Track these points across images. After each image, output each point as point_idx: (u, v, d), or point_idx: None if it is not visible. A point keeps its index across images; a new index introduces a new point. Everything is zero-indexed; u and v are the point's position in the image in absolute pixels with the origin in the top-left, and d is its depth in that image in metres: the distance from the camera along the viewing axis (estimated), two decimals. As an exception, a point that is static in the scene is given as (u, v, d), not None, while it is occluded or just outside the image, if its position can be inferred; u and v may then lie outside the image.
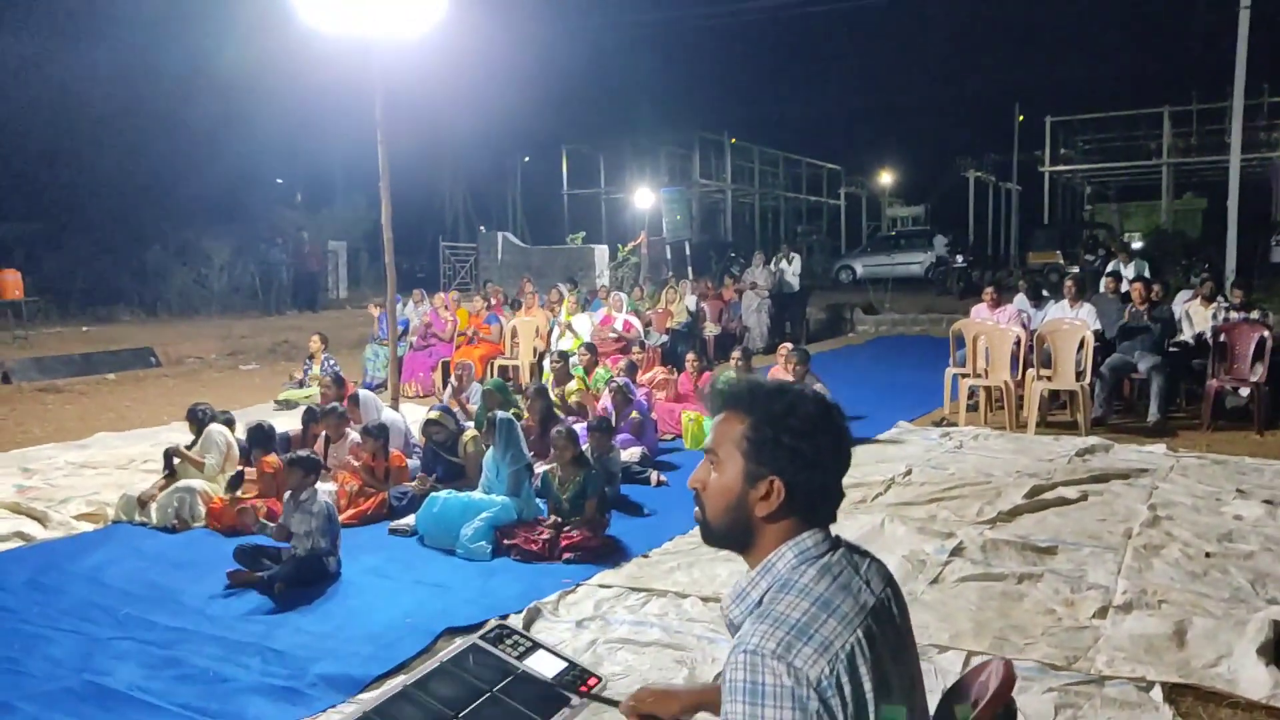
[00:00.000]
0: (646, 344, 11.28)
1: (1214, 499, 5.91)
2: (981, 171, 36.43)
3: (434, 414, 6.58)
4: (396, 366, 8.58)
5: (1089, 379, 8.23)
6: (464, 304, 12.57)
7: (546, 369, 9.51)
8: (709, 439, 1.61)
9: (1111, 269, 12.94)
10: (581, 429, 6.63)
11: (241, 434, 6.47)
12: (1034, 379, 8.31)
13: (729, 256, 21.91)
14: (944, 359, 9.43)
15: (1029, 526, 5.48)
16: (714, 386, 1.65)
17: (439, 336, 11.53)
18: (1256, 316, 8.93)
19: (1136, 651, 3.79)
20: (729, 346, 10.56)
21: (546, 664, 2.16)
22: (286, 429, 7.15)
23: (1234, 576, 4.58)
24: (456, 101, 24.97)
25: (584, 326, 11.22)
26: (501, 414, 5.86)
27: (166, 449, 6.32)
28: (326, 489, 5.60)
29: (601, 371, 8.87)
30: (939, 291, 21.62)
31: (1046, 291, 11.02)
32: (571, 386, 8.72)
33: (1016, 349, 8.59)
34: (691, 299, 13.77)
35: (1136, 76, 32.88)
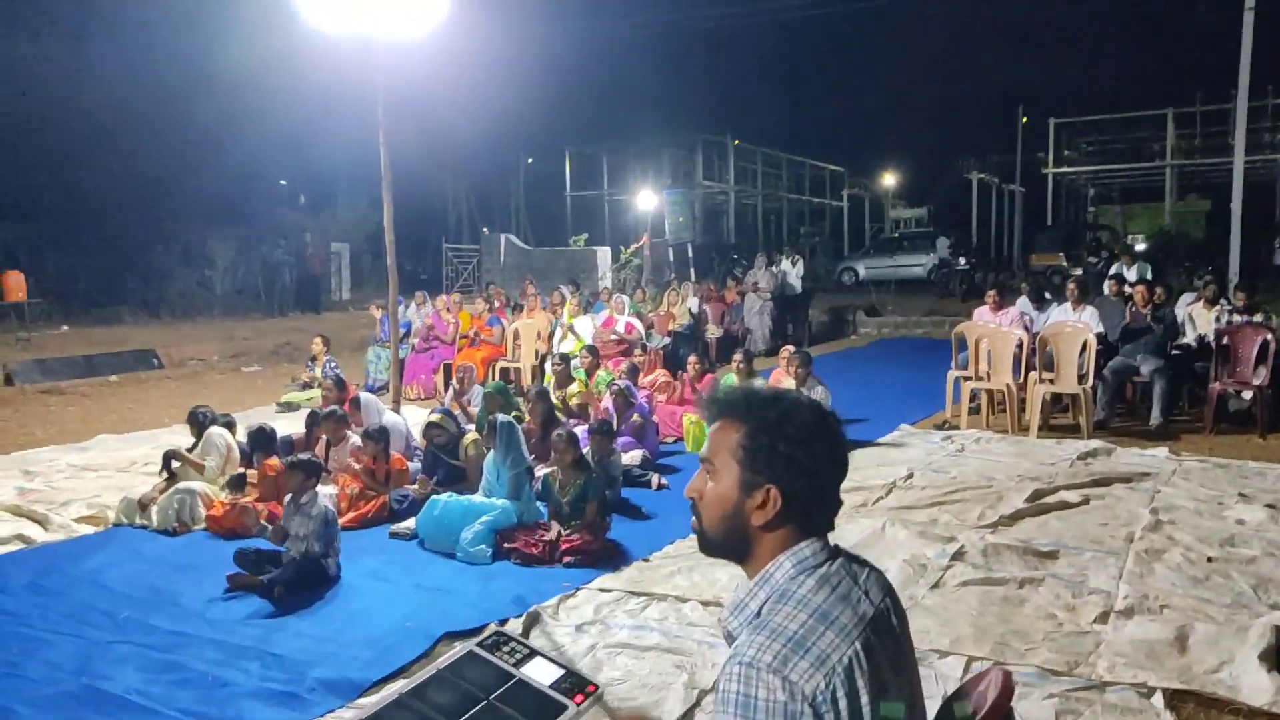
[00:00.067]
0: (648, 346, 11.27)
1: (1216, 503, 5.89)
2: (984, 173, 36.42)
3: (435, 417, 6.60)
4: (398, 369, 8.58)
5: (1091, 382, 8.21)
6: (466, 306, 12.57)
7: (548, 371, 9.50)
8: (705, 448, 1.60)
9: (1114, 271, 12.89)
10: (583, 432, 6.63)
11: (242, 437, 6.48)
12: (1036, 382, 8.29)
13: (731, 258, 21.90)
14: (946, 361, 9.42)
15: (1030, 530, 5.46)
16: (709, 395, 1.64)
17: (441, 339, 11.53)
18: (1260, 319, 8.90)
19: (1138, 657, 3.77)
20: (731, 349, 10.55)
21: (544, 671, 2.15)
22: (289, 432, 7.16)
23: (1236, 581, 4.57)
24: (460, 103, 24.98)
25: (586, 329, 11.21)
26: (502, 417, 5.86)
27: (166, 451, 6.32)
28: (327, 492, 5.61)
29: (603, 374, 8.86)
30: (941, 294, 21.60)
31: (1049, 294, 11.00)
32: (573, 389, 8.72)
33: (1019, 352, 8.58)
34: (694, 301, 13.75)
35: (1140, 78, 32.90)
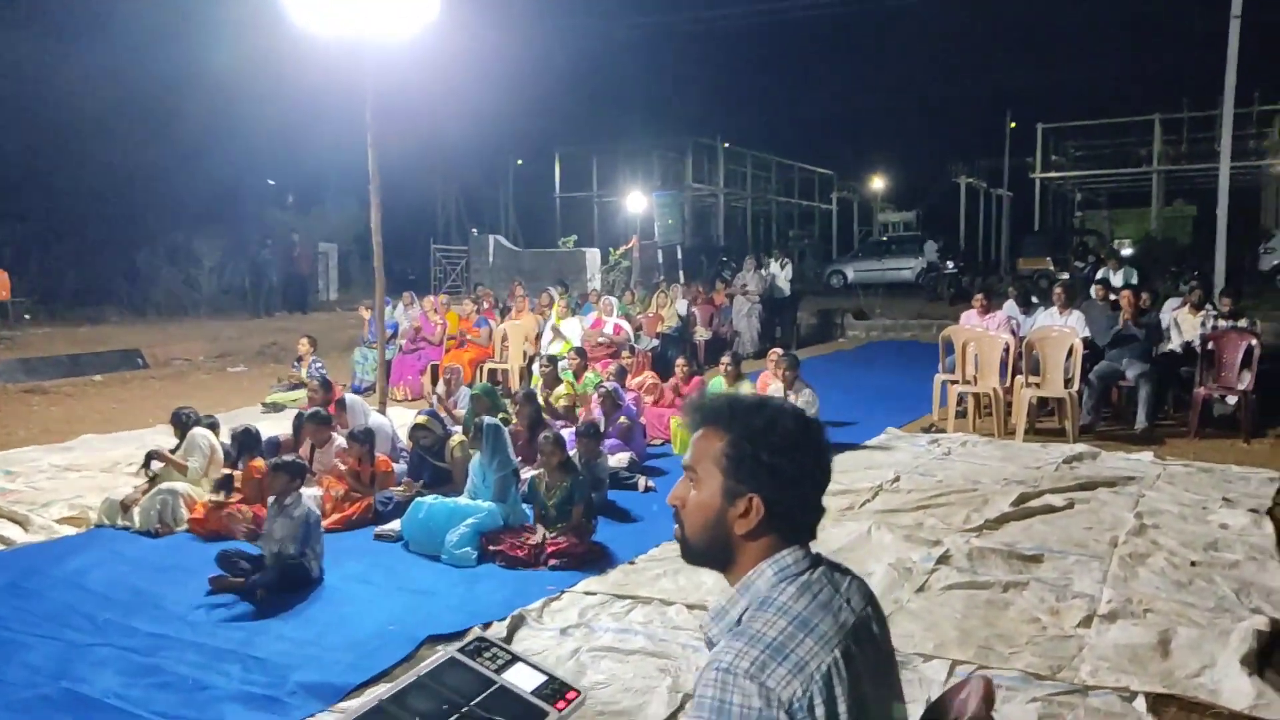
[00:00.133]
0: (636, 348, 11.25)
1: (1200, 507, 5.92)
2: (973, 177, 36.60)
3: (421, 418, 6.57)
4: (385, 370, 8.54)
5: (1077, 386, 8.24)
6: (453, 307, 12.52)
7: (536, 373, 9.47)
8: (688, 455, 1.59)
9: (1101, 276, 12.95)
10: (570, 434, 6.61)
11: (225, 438, 6.43)
12: (1022, 386, 8.32)
13: (721, 261, 21.90)
14: (933, 365, 9.44)
15: (1015, 534, 5.48)
16: (693, 402, 1.63)
17: (428, 340, 11.48)
18: (1245, 324, 8.94)
19: (1121, 661, 3.78)
20: (720, 351, 10.54)
21: (525, 677, 2.13)
22: (275, 433, 7.12)
23: (1219, 586, 4.58)
24: (449, 104, 24.90)
25: (574, 330, 11.18)
26: (488, 419, 5.84)
27: (148, 451, 6.27)
28: (312, 494, 5.57)
29: (591, 376, 8.85)
30: (929, 297, 21.61)
31: (1036, 298, 11.03)
32: (560, 391, 8.70)
33: (1005, 355, 8.60)
34: (682, 303, 13.73)
35: (1128, 84, 33.13)
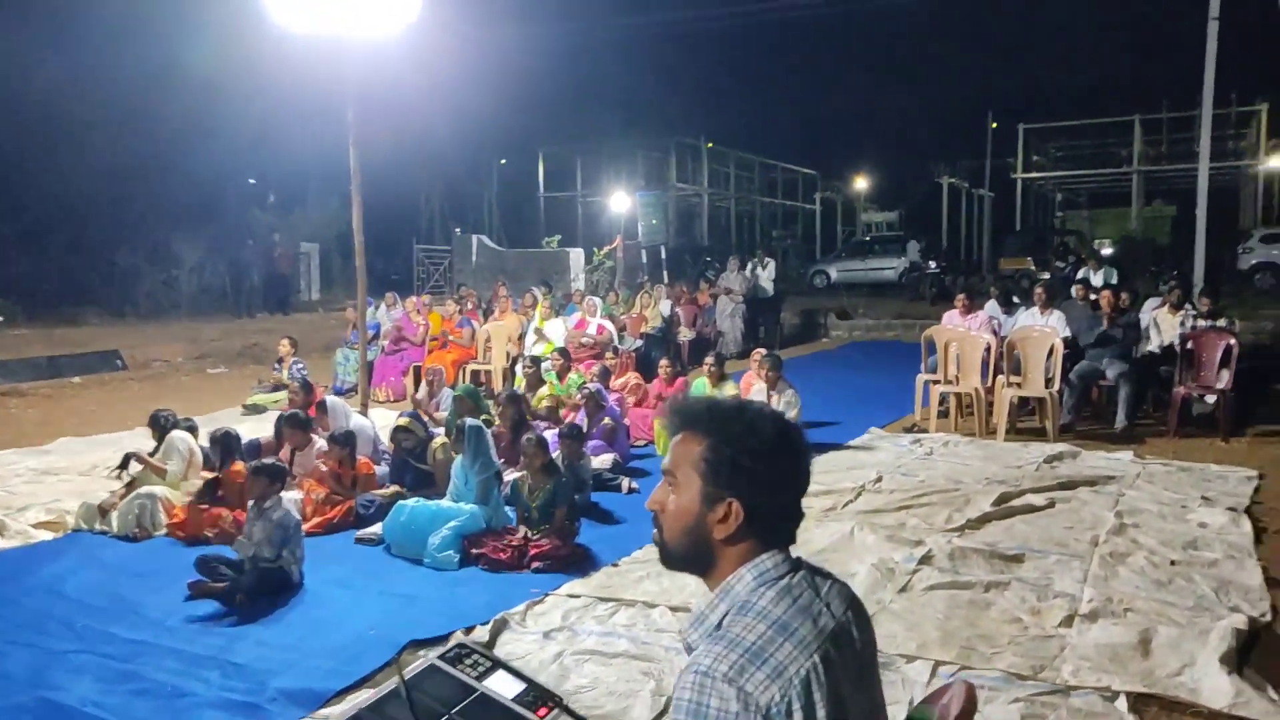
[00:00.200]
0: (620, 349, 11.24)
1: (1180, 506, 5.96)
2: (955, 178, 36.83)
3: (403, 420, 6.54)
4: (366, 371, 8.50)
5: (1058, 386, 8.29)
6: (436, 308, 12.46)
7: (519, 374, 9.44)
8: (667, 460, 1.59)
9: (1081, 276, 13.04)
10: (553, 435, 6.59)
11: (204, 441, 6.37)
12: (1004, 386, 8.36)
13: (704, 261, 21.91)
14: (916, 365, 9.47)
15: (997, 534, 5.50)
16: (671, 407, 1.62)
17: (410, 340, 11.43)
18: (1223, 324, 9.03)
19: (1102, 661, 3.80)
20: (703, 351, 10.53)
21: (506, 684, 2.12)
22: (256, 435, 7.06)
23: (1198, 584, 4.62)
24: (432, 102, 24.80)
25: (557, 331, 11.15)
26: (470, 421, 5.81)
27: (126, 452, 6.20)
28: (292, 497, 5.53)
29: (574, 377, 8.83)
30: (912, 297, 21.70)
31: (1017, 298, 11.08)
32: (543, 392, 8.67)
33: (987, 356, 8.64)
34: (666, 304, 13.73)
35: (1108, 85, 33.42)
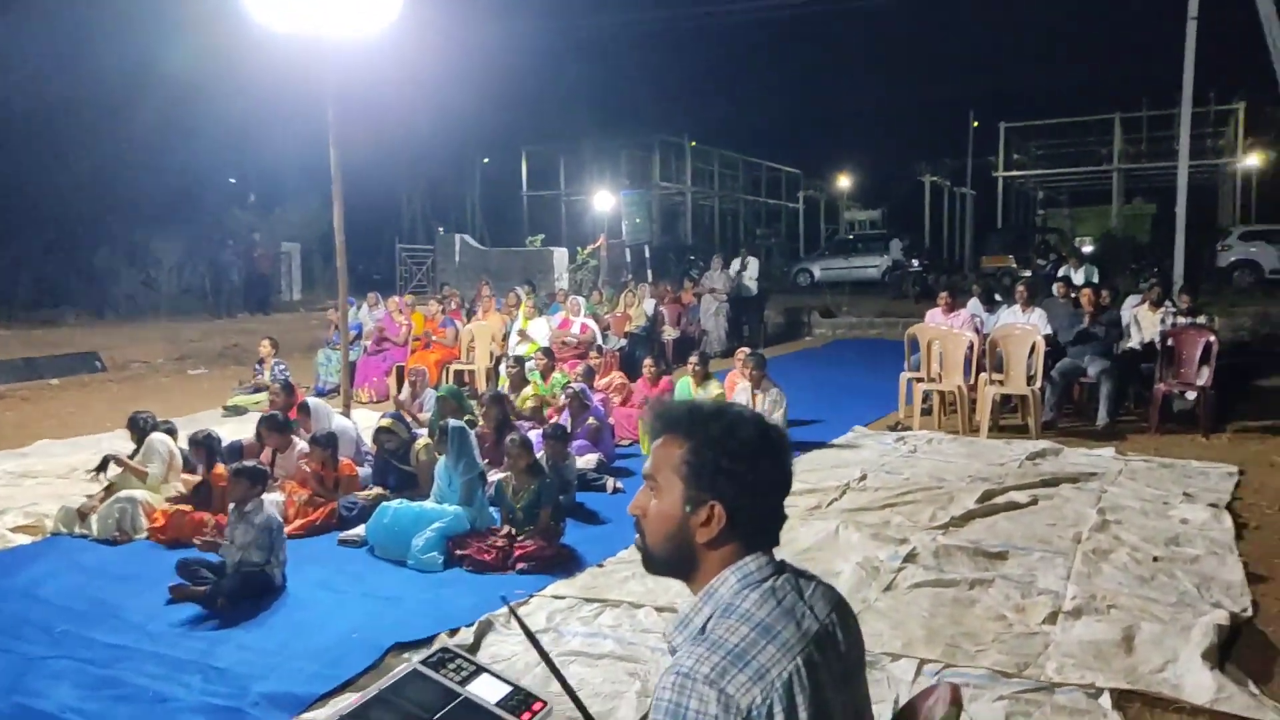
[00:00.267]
0: (604, 348, 11.21)
1: (1161, 502, 6.00)
2: (937, 176, 36.97)
3: (386, 421, 6.49)
4: (348, 371, 8.44)
5: (1040, 383, 8.33)
6: (419, 307, 12.39)
7: (503, 374, 9.41)
8: (648, 464, 1.58)
9: (1062, 274, 13.12)
10: (537, 436, 6.57)
11: (184, 443, 6.31)
12: (986, 383, 8.39)
13: (688, 259, 21.91)
14: (899, 363, 9.50)
15: (980, 532, 5.52)
16: (652, 411, 1.61)
17: (393, 341, 11.36)
18: (1203, 321, 9.10)
19: (1085, 657, 3.82)
20: (688, 350, 10.53)
21: (490, 689, 2.10)
22: (238, 436, 7.01)
23: (1180, 581, 4.64)
24: (414, 101, 24.67)
25: (541, 331, 11.12)
26: (454, 422, 5.78)
27: (105, 455, 6.14)
28: (274, 499, 5.48)
29: (558, 376, 8.80)
30: (895, 295, 21.77)
31: (999, 296, 11.13)
32: (527, 392, 8.64)
33: (969, 353, 8.68)
34: (650, 303, 13.70)
35: (1088, 84, 33.58)
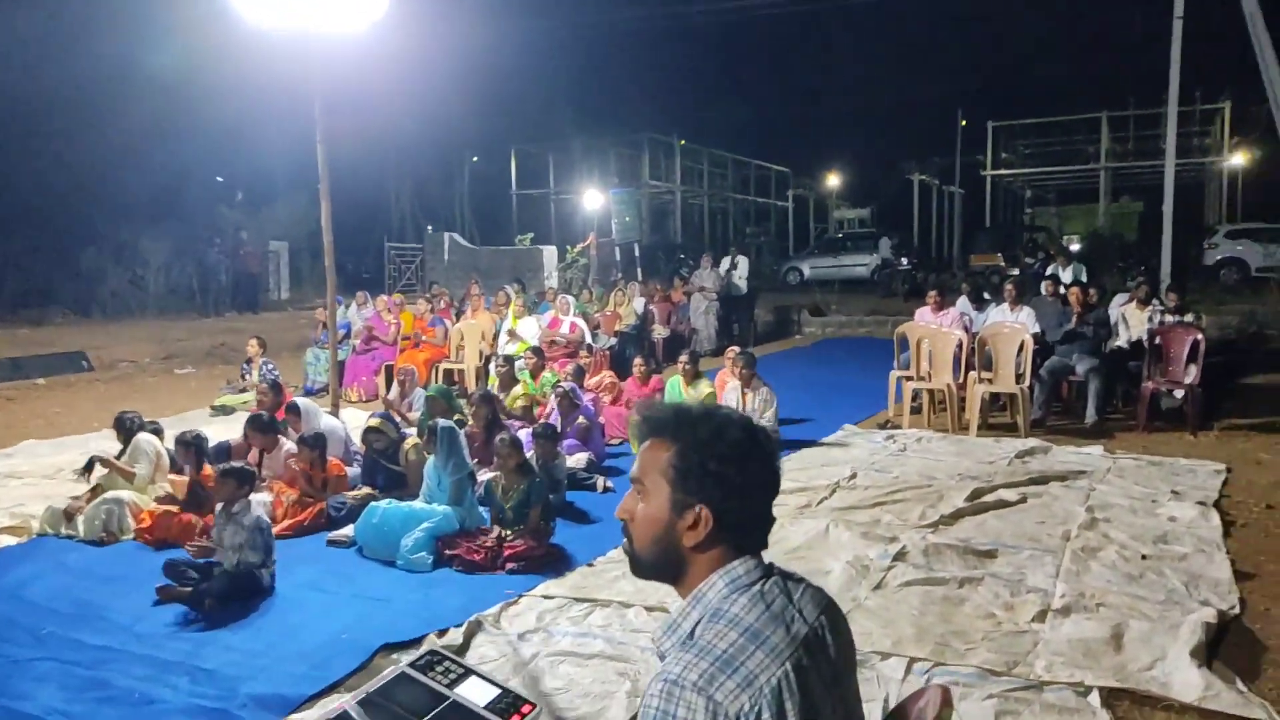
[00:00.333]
0: (594, 347, 11.20)
1: (1150, 500, 6.02)
2: (925, 175, 37.06)
3: (374, 421, 6.47)
4: (337, 371, 8.41)
5: (1028, 381, 8.36)
6: (408, 306, 12.35)
7: (492, 373, 9.38)
8: (635, 468, 1.57)
9: (1050, 272, 13.15)
10: (527, 435, 6.55)
11: (170, 443, 6.27)
12: (975, 382, 8.41)
13: (678, 258, 21.90)
14: (889, 361, 9.52)
15: (970, 530, 5.53)
16: (638, 414, 1.60)
17: (382, 340, 11.32)
18: (1190, 319, 9.14)
19: (1074, 656, 3.83)
20: (678, 349, 10.52)
21: (479, 691, 2.09)
22: (226, 437, 6.97)
23: (1169, 578, 4.66)
24: (403, 100, 24.64)
25: (530, 330, 11.09)
26: (443, 422, 5.76)
27: (92, 456, 6.10)
28: (262, 500, 5.45)
29: (548, 376, 8.78)
30: (884, 293, 21.81)
31: (988, 294, 11.15)
32: (517, 391, 8.62)
33: (958, 352, 8.69)
34: (640, 301, 13.68)
35: (1075, 83, 33.69)
